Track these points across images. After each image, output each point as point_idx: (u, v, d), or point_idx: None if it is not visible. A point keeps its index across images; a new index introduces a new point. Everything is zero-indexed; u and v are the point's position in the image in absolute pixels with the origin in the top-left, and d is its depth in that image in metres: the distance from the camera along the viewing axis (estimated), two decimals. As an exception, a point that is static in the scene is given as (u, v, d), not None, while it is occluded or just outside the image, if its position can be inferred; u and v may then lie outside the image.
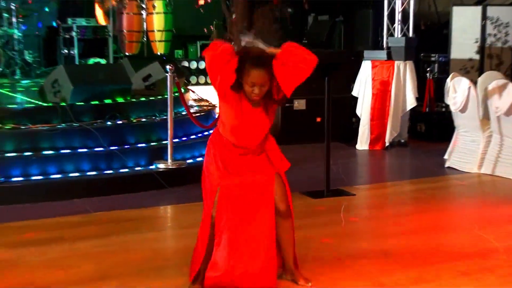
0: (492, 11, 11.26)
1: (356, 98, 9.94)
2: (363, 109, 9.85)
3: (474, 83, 8.22)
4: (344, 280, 4.55)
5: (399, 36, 10.53)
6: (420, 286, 4.48)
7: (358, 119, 9.95)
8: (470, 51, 11.30)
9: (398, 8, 10.70)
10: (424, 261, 4.98)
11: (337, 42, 12.58)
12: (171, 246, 5.82)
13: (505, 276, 4.65)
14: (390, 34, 10.74)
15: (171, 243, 5.95)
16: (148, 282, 4.42)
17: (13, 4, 10.30)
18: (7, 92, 8.57)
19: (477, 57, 11.19)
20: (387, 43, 10.49)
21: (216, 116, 8.44)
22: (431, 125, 10.44)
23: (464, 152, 8.30)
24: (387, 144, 9.76)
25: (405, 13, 10.72)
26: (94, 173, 7.22)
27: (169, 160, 7.51)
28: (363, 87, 9.85)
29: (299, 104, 9.98)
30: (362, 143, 9.83)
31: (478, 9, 11.39)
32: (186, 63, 11.61)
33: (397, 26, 10.71)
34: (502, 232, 5.68)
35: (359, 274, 4.61)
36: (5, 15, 10.25)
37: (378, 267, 4.85)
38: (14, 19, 10.25)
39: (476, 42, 11.26)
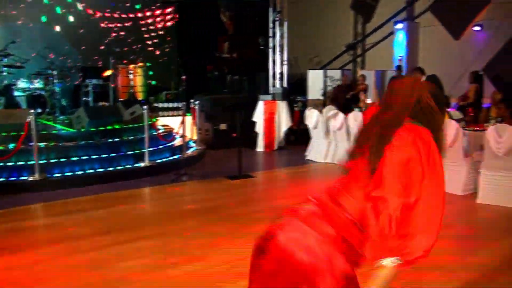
0: (329, 72, 11.61)
1: (255, 122, 9.90)
2: (260, 128, 9.79)
3: (321, 112, 8.36)
4: (251, 225, 4.48)
5: (279, 86, 10.60)
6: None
7: (257, 134, 9.90)
8: (318, 95, 11.51)
9: (278, 71, 10.81)
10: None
11: (244, 91, 12.54)
12: (149, 210, 5.62)
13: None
14: (274, 85, 10.81)
15: (149, 208, 5.72)
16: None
17: (55, 71, 9.77)
18: (52, 123, 8.13)
19: (322, 98, 11.43)
20: (272, 90, 10.55)
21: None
22: (298, 136, 10.46)
23: (316, 151, 8.41)
24: (275, 148, 9.75)
25: (282, 74, 10.84)
26: (101, 170, 6.91)
27: (146, 161, 7.26)
28: (259, 115, 9.81)
29: (223, 126, 9.86)
30: (260, 147, 9.75)
31: (321, 71, 11.69)
32: (156, 104, 11.46)
33: (278, 81, 10.79)
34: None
35: (254, 221, 4.47)
36: (50, 78, 9.72)
37: (271, 216, 4.81)
38: (55, 80, 9.72)
39: (321, 89, 11.51)
